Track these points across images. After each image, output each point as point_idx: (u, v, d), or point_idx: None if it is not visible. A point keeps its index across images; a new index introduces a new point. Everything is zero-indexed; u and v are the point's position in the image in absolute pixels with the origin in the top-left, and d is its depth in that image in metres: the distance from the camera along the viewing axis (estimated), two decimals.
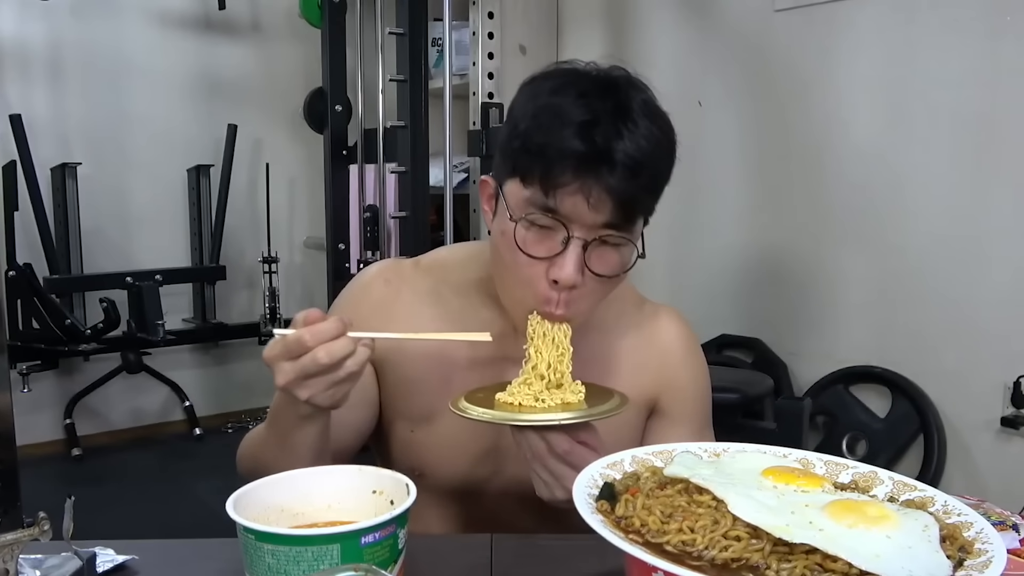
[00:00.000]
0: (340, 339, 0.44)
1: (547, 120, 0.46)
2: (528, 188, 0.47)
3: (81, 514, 0.43)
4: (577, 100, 0.46)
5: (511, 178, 0.49)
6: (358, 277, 0.61)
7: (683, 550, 0.32)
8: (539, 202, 0.47)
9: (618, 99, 0.47)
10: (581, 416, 0.46)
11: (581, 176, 0.46)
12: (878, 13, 1.32)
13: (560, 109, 0.46)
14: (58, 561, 0.43)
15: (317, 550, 0.36)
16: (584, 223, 0.47)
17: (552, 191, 0.46)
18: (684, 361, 0.60)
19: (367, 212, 1.81)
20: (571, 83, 0.48)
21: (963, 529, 0.34)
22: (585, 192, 0.46)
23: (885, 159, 1.33)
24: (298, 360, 0.44)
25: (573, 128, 0.45)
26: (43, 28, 1.96)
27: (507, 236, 0.49)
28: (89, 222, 1.99)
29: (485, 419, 0.47)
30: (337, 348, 0.44)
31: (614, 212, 0.47)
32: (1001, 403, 1.19)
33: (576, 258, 0.47)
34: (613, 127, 0.46)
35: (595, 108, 0.46)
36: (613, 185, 0.46)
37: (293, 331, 0.44)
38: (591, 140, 0.45)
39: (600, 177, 0.45)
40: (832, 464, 0.41)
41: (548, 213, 0.47)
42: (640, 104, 0.47)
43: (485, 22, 1.70)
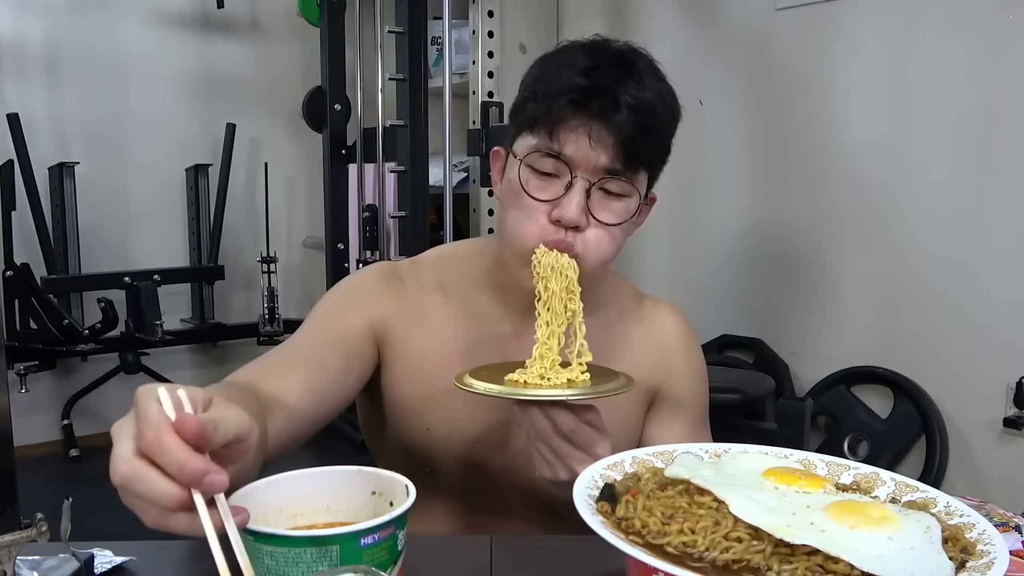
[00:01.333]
0: (171, 485, 0.30)
1: (553, 70, 0.48)
2: (535, 135, 0.49)
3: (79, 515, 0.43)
4: (581, 52, 0.49)
5: (519, 135, 0.50)
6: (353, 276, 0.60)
7: (684, 551, 0.32)
8: (543, 145, 0.48)
9: (623, 55, 0.49)
10: (587, 393, 0.46)
11: (582, 111, 0.47)
12: (880, 11, 1.32)
13: (565, 59, 0.49)
14: (56, 562, 0.43)
15: (316, 551, 0.36)
16: (587, 165, 0.48)
17: (555, 129, 0.47)
18: (683, 354, 0.60)
19: (366, 212, 1.80)
20: (579, 48, 0.50)
21: (965, 530, 0.34)
22: (587, 128, 0.47)
23: (887, 158, 1.33)
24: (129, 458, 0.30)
25: (576, 70, 0.47)
26: (41, 26, 1.96)
27: (513, 184, 0.50)
28: (87, 222, 1.99)
29: (491, 394, 0.46)
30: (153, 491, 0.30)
31: (616, 154, 0.47)
32: (1004, 404, 1.19)
33: (579, 199, 0.48)
34: (616, 72, 0.47)
35: (599, 58, 0.48)
36: (615, 121, 0.47)
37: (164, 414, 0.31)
38: (593, 78, 0.47)
39: (602, 113, 0.47)
40: (834, 465, 0.40)
41: (551, 155, 0.48)
42: (645, 65, 0.49)
43: (485, 20, 1.70)
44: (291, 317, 2.17)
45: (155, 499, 0.30)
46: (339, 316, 0.55)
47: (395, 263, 0.60)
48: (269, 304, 2.10)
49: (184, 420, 0.30)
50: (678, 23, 1.65)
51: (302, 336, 0.55)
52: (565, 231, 0.48)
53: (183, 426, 0.30)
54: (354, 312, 0.55)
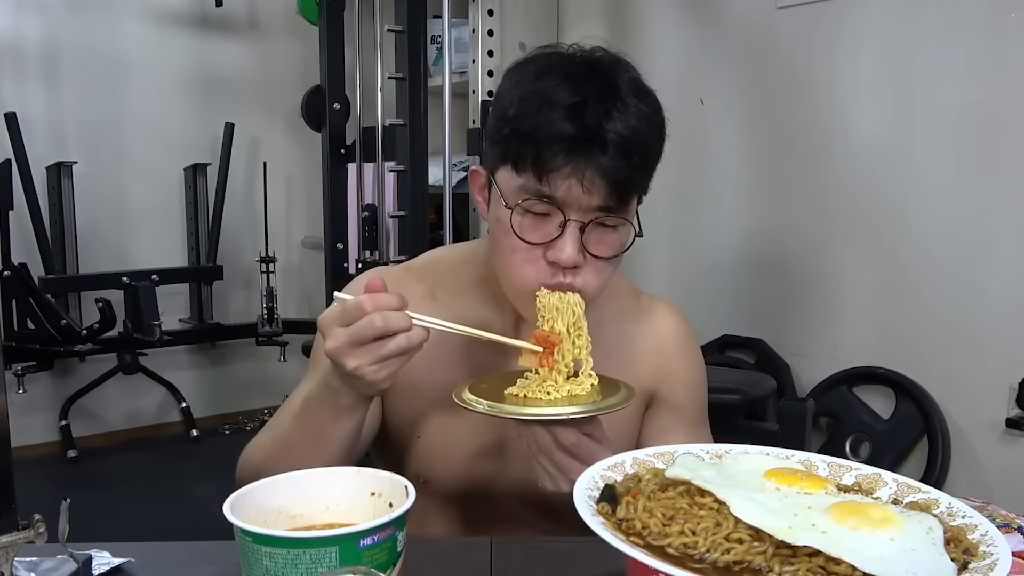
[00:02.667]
0: (398, 312, 0.43)
1: (535, 105, 0.46)
2: (521, 175, 0.47)
3: (77, 516, 0.42)
4: (563, 83, 0.46)
5: (503, 166, 0.49)
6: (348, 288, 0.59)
7: (685, 553, 0.32)
8: (533, 188, 0.47)
9: (604, 79, 0.47)
10: (588, 410, 0.46)
11: (573, 159, 0.46)
12: (881, 10, 1.32)
13: (547, 93, 0.46)
14: (53, 564, 0.43)
15: (315, 552, 0.35)
16: (579, 206, 0.47)
17: (545, 176, 0.46)
18: (681, 353, 0.60)
19: (365, 211, 1.80)
20: (555, 66, 0.48)
21: (968, 531, 0.33)
22: (578, 175, 0.46)
23: (888, 158, 1.32)
24: (352, 325, 0.43)
25: (562, 111, 0.46)
26: (38, 25, 1.95)
27: (503, 223, 0.49)
28: (85, 221, 1.98)
29: (490, 413, 0.46)
30: (394, 318, 0.43)
31: (608, 193, 0.47)
32: (1006, 404, 1.19)
33: (574, 240, 0.47)
34: (602, 107, 0.46)
35: (583, 89, 0.46)
36: (606, 166, 0.46)
37: (353, 297, 0.44)
38: (581, 122, 0.45)
39: (592, 158, 0.45)
40: (835, 466, 0.40)
41: (543, 199, 0.47)
42: (627, 83, 0.47)
43: (485, 19, 1.69)
44: (290, 317, 2.17)
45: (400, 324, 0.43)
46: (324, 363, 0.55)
47: (389, 269, 0.60)
48: (268, 304, 2.09)
49: (370, 283, 0.44)
50: (678, 22, 1.65)
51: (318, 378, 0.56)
52: (563, 271, 0.48)
53: (373, 284, 0.44)
54: None
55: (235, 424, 2.18)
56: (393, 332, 0.43)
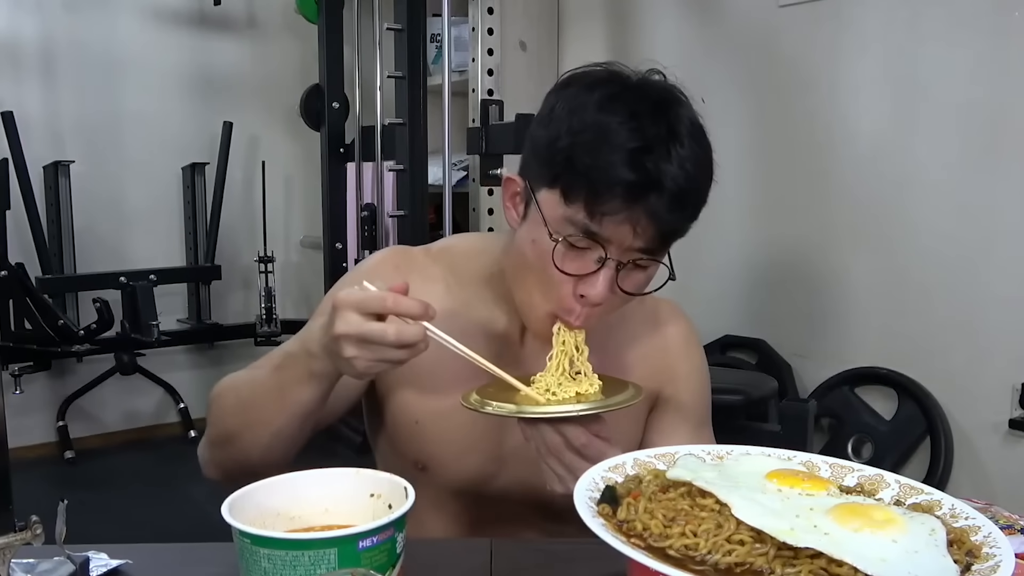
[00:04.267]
0: (414, 325, 0.44)
1: (595, 140, 0.45)
2: (570, 206, 0.47)
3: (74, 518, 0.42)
4: (627, 122, 0.45)
5: (549, 189, 0.48)
6: (366, 260, 0.60)
7: (686, 554, 0.32)
8: (581, 223, 0.47)
9: (668, 120, 0.46)
10: (596, 407, 0.46)
11: (629, 205, 0.45)
12: (883, 8, 1.31)
13: (609, 130, 0.45)
14: (51, 566, 0.43)
15: (314, 554, 0.35)
16: (623, 247, 0.47)
17: (598, 216, 0.46)
18: (685, 354, 0.60)
19: (365, 211, 1.79)
20: (618, 97, 0.46)
21: (970, 533, 0.33)
22: (633, 221, 0.46)
23: (891, 157, 1.32)
24: (367, 324, 0.43)
25: (624, 154, 0.45)
26: (35, 23, 1.94)
27: (539, 247, 0.48)
28: (82, 221, 1.97)
29: (498, 413, 0.46)
30: (408, 332, 0.43)
31: (655, 238, 0.47)
32: (1009, 405, 1.18)
33: (609, 279, 0.47)
34: (665, 153, 0.45)
35: (647, 133, 0.45)
36: (660, 214, 0.46)
37: (380, 291, 0.44)
38: (642, 169, 0.45)
39: (648, 206, 0.45)
40: (837, 467, 0.40)
41: (588, 235, 0.47)
42: (688, 125, 0.47)
43: (485, 18, 1.68)
44: (289, 317, 2.16)
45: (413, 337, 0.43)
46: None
47: (409, 249, 0.60)
48: (266, 304, 2.08)
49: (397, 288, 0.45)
50: (679, 20, 1.64)
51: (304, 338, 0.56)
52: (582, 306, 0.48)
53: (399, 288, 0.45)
54: None
55: None
56: (403, 344, 0.43)
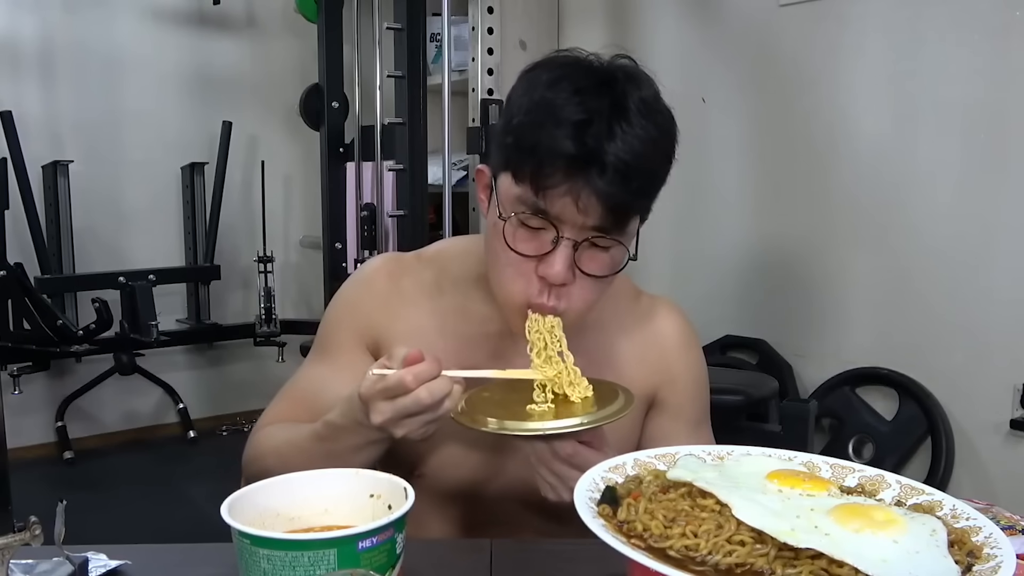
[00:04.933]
0: (439, 379, 0.45)
1: (540, 117, 0.46)
2: (519, 186, 0.47)
3: (73, 518, 0.42)
4: (571, 97, 0.45)
5: (503, 171, 0.48)
6: (360, 271, 0.61)
7: (686, 555, 0.32)
8: (529, 201, 0.47)
9: (614, 96, 0.46)
10: (586, 423, 0.46)
11: (571, 178, 0.45)
12: (885, 7, 1.31)
13: (553, 106, 0.45)
14: (49, 566, 0.43)
15: (313, 555, 0.35)
16: (574, 224, 0.47)
17: (542, 191, 0.46)
18: (682, 353, 0.59)
19: (364, 211, 1.79)
20: (567, 76, 0.46)
21: (971, 534, 0.33)
22: (574, 195, 0.45)
23: (892, 157, 1.32)
24: (396, 400, 0.44)
25: (566, 128, 0.45)
26: (34, 22, 1.94)
27: (497, 230, 0.48)
28: (81, 221, 1.97)
29: (487, 430, 0.46)
30: (437, 388, 0.45)
31: (604, 216, 0.46)
32: (1010, 405, 1.18)
33: (565, 258, 0.47)
34: (606, 127, 0.45)
35: (590, 106, 0.45)
36: (602, 189, 0.45)
37: (393, 371, 0.45)
38: (582, 142, 0.44)
39: (590, 180, 0.45)
40: (838, 467, 0.40)
41: (538, 213, 0.47)
42: (638, 102, 0.46)
43: (485, 17, 1.68)
44: (288, 317, 2.16)
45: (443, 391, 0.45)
46: (334, 344, 0.58)
47: (401, 256, 0.60)
48: (266, 304, 2.08)
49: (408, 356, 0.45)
50: (680, 19, 1.64)
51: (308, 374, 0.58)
52: (550, 289, 0.48)
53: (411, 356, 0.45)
54: (345, 334, 0.57)
55: (232, 425, 2.17)
56: (438, 401, 0.44)
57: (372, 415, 0.45)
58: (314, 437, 0.50)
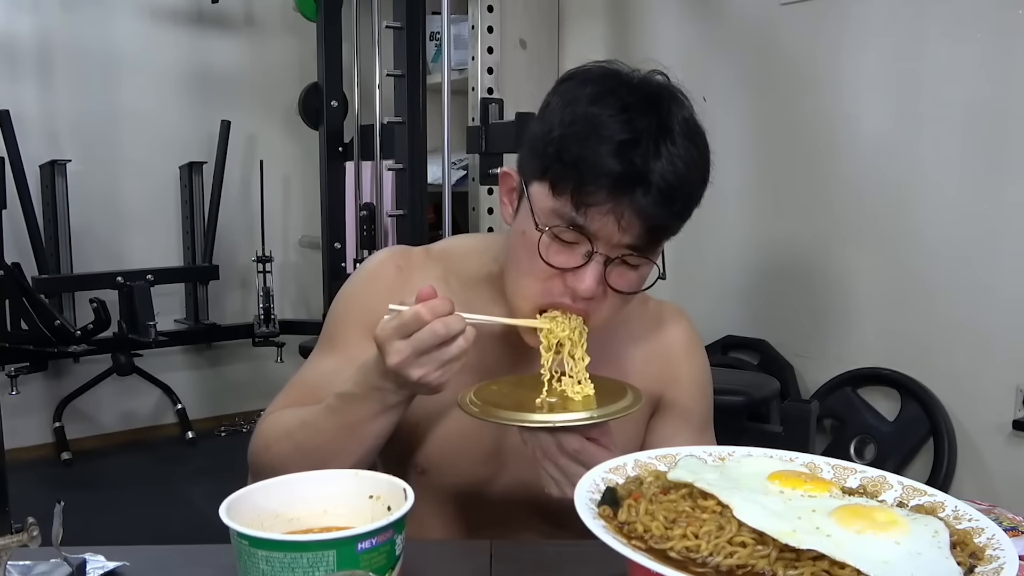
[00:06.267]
0: (453, 315, 0.45)
1: (585, 132, 0.45)
2: (557, 198, 0.47)
3: (71, 519, 0.42)
4: (618, 114, 0.45)
5: (539, 181, 0.48)
6: (367, 263, 0.61)
7: (687, 556, 0.32)
8: (567, 215, 0.47)
9: (660, 115, 0.46)
10: (595, 417, 0.46)
11: (615, 197, 0.45)
12: (886, 5, 1.30)
13: (599, 122, 0.45)
14: (47, 568, 0.43)
15: (312, 556, 0.35)
16: (610, 242, 0.47)
17: (583, 208, 0.46)
18: (687, 359, 0.60)
19: (363, 210, 1.79)
20: (613, 92, 0.46)
21: (974, 535, 0.33)
22: (617, 213, 0.46)
23: (894, 156, 1.31)
24: (413, 337, 0.44)
25: (612, 146, 0.45)
26: (32, 21, 1.93)
27: (528, 240, 0.48)
28: (79, 220, 1.96)
29: (497, 420, 0.46)
30: (453, 322, 0.44)
31: (642, 235, 0.47)
32: (1013, 406, 1.18)
33: (597, 273, 0.47)
34: (653, 147, 0.45)
35: (636, 126, 0.45)
36: (646, 209, 0.45)
37: (408, 307, 0.45)
38: (629, 161, 0.45)
39: (634, 200, 0.45)
40: (840, 468, 0.40)
41: (575, 228, 0.47)
42: (681, 122, 0.47)
43: (484, 16, 1.68)
44: (287, 318, 2.16)
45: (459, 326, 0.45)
46: (342, 336, 0.58)
47: (409, 249, 0.60)
48: (265, 304, 2.08)
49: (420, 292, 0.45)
50: (680, 18, 1.63)
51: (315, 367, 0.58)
52: (572, 302, 0.48)
53: (423, 292, 0.45)
54: (353, 327, 0.57)
55: (231, 426, 2.16)
56: (453, 336, 0.44)
57: (388, 356, 0.44)
58: (328, 412, 0.50)
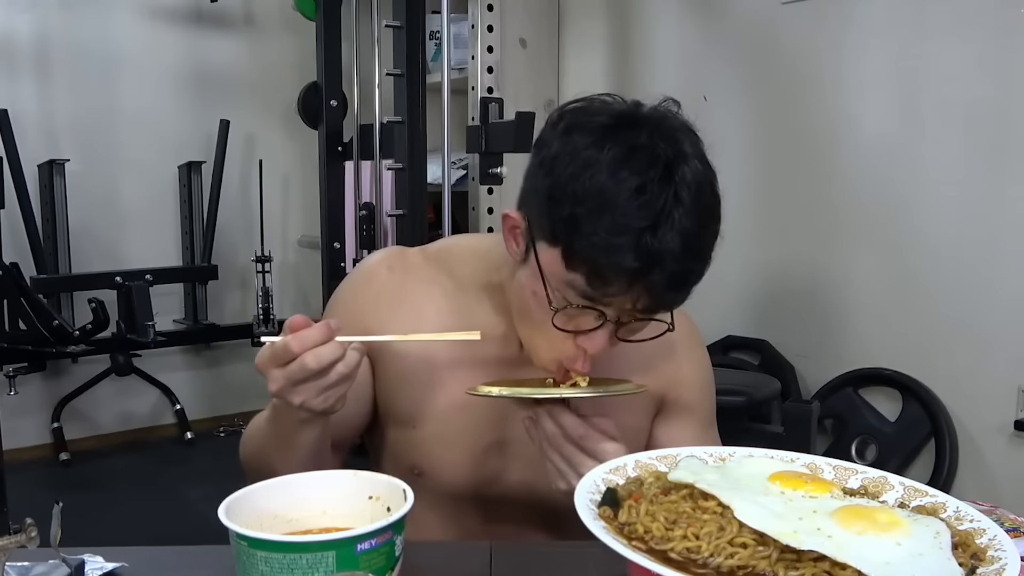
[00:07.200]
0: (327, 344, 0.44)
1: (600, 214, 0.43)
2: (571, 272, 0.46)
3: (69, 520, 0.42)
4: (634, 196, 0.43)
5: (549, 245, 0.47)
6: (362, 264, 0.60)
7: (688, 557, 0.32)
8: (581, 289, 0.46)
9: (675, 187, 0.44)
10: (599, 392, 0.46)
11: (631, 286, 0.45)
12: (887, 5, 1.30)
13: (615, 204, 0.43)
14: (46, 569, 0.43)
15: (312, 557, 0.35)
16: (622, 310, 0.47)
17: (599, 291, 0.45)
18: (689, 357, 0.60)
19: (363, 210, 1.79)
20: (626, 162, 0.44)
21: (975, 536, 0.33)
22: (633, 298, 0.46)
23: (895, 156, 1.31)
24: (287, 367, 0.44)
25: (630, 236, 0.43)
26: (30, 21, 1.93)
27: (540, 302, 0.48)
28: (77, 220, 1.96)
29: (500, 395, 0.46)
30: (324, 353, 0.44)
31: (655, 309, 0.47)
32: (1015, 406, 1.17)
33: (608, 333, 0.48)
34: (669, 232, 0.44)
35: (653, 207, 0.43)
36: (661, 292, 0.45)
37: (281, 338, 0.45)
38: (646, 252, 0.44)
39: (649, 283, 0.45)
40: (841, 469, 0.40)
41: (589, 301, 0.46)
42: (694, 188, 0.45)
43: (484, 15, 1.67)
44: (286, 318, 2.14)
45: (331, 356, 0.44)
46: None
47: (405, 250, 0.60)
48: (264, 304, 2.07)
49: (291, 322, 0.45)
50: (681, 17, 1.63)
51: None
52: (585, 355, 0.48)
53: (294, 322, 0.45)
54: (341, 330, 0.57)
55: (230, 426, 2.16)
56: (328, 365, 0.44)
57: (269, 384, 0.45)
58: (267, 420, 0.51)
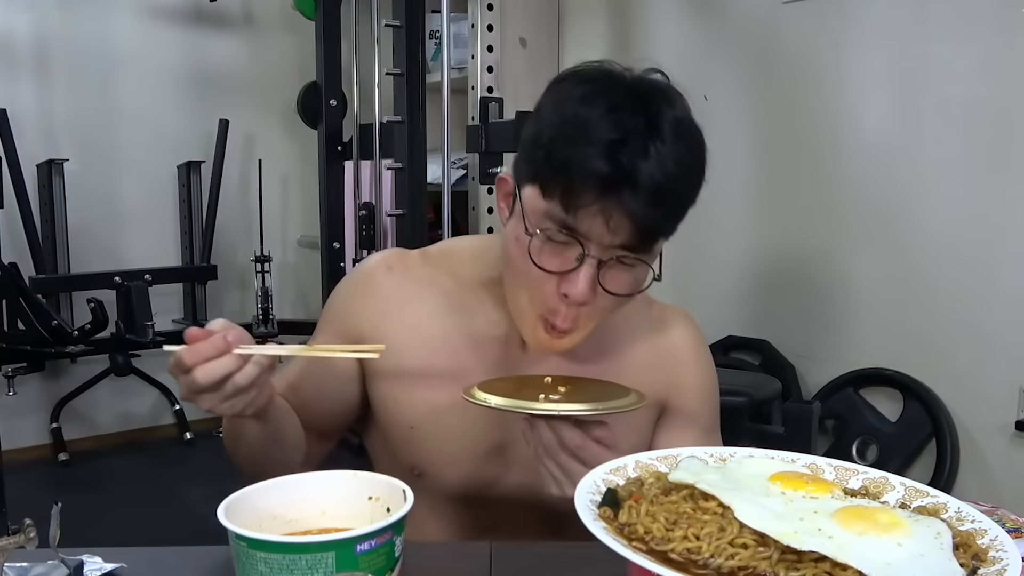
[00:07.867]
0: (221, 358, 0.44)
1: (572, 133, 0.45)
2: (547, 200, 0.47)
3: (68, 521, 0.42)
4: (606, 114, 0.45)
5: (531, 184, 0.48)
6: (361, 265, 0.60)
7: (688, 558, 0.32)
8: (557, 217, 0.46)
9: (649, 115, 0.45)
10: (597, 409, 0.45)
11: (603, 198, 0.45)
12: (888, 4, 1.30)
13: (587, 123, 0.45)
14: (44, 569, 0.43)
15: (311, 558, 0.35)
16: (601, 243, 0.47)
17: (572, 209, 0.46)
18: (693, 362, 0.59)
19: (363, 210, 1.79)
20: (601, 92, 0.46)
21: (977, 536, 0.33)
22: (605, 214, 0.45)
23: (896, 155, 1.31)
24: (185, 377, 0.45)
25: (599, 147, 0.44)
26: (29, 20, 1.93)
27: (521, 244, 0.48)
28: (76, 220, 1.96)
29: (493, 406, 0.45)
30: (215, 368, 0.44)
31: (633, 235, 0.46)
32: (1016, 407, 1.17)
33: (589, 276, 0.47)
34: (641, 147, 0.44)
35: (624, 125, 0.44)
36: (634, 210, 0.45)
37: (178, 348, 0.45)
38: (616, 161, 0.44)
39: (622, 200, 0.45)
40: (842, 469, 0.40)
41: (565, 230, 0.46)
42: (672, 121, 0.46)
43: (484, 14, 1.67)
44: (286, 318, 2.16)
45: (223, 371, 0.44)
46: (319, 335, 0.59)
47: (405, 252, 0.60)
48: (263, 304, 2.07)
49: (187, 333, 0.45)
50: (681, 16, 1.63)
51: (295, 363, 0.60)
52: (567, 307, 0.48)
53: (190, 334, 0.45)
54: (329, 327, 0.58)
55: None
56: (220, 379, 0.44)
57: (180, 389, 0.47)
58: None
